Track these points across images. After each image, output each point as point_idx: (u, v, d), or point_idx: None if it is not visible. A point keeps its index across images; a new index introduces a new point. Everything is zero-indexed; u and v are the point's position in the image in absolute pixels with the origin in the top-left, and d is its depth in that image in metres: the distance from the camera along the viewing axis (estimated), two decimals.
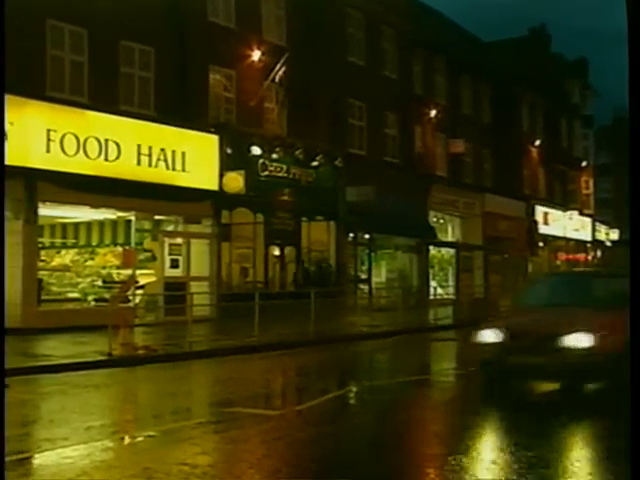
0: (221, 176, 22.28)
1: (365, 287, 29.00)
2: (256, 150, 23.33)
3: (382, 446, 7.21)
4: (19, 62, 17.97)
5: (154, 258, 21.44)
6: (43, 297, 18.95)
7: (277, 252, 24.79)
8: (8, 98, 16.91)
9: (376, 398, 10.36)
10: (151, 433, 7.53)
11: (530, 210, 41.24)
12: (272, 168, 24.08)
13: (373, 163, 29.44)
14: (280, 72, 24.70)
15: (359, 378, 12.96)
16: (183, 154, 21.15)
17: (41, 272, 19.30)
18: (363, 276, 29.37)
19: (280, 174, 24.39)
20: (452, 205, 35.31)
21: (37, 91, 18.16)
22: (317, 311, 18.00)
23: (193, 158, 21.44)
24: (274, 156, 24.02)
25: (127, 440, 7.54)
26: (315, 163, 25.59)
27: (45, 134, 17.88)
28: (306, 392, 10.90)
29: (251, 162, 23.20)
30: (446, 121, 35.04)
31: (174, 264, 21.37)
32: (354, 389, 11.45)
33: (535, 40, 46.51)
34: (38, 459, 6.62)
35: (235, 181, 22.20)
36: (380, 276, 30.94)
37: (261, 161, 23.70)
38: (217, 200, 22.28)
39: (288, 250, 25.15)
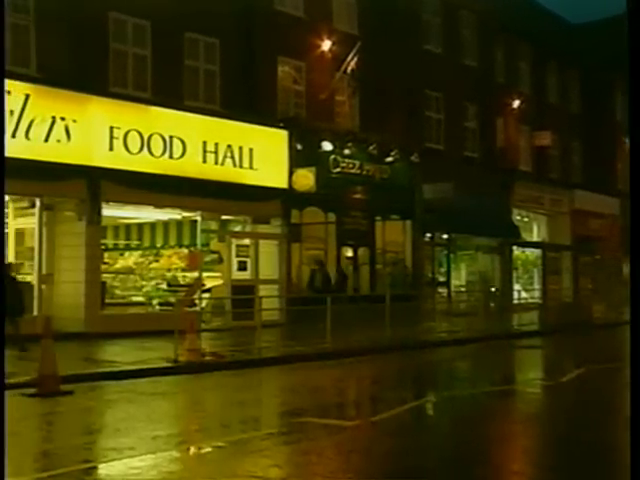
0: (291, 173, 22.39)
1: (443, 290, 28.73)
2: (327, 146, 23.35)
3: (465, 461, 7.08)
4: (81, 58, 18.52)
5: (221, 260, 21.69)
6: (107, 301, 19.41)
7: (350, 253, 24.76)
8: (71, 95, 17.48)
9: (457, 409, 10.21)
10: (219, 444, 7.58)
11: (625, 207, 40.13)
12: (344, 164, 24.08)
13: (451, 158, 29.13)
14: (352, 63, 24.67)
15: (438, 388, 12.81)
16: (251, 151, 21.34)
17: (104, 275, 19.76)
18: (441, 279, 29.10)
19: (353, 171, 24.35)
20: (537, 202, 34.64)
21: (100, 87, 18.61)
22: (392, 316, 17.89)
23: (261, 155, 21.61)
24: (346, 152, 24.00)
25: (195, 451, 7.61)
26: (389, 159, 25.47)
27: (108, 131, 18.29)
28: (381, 402, 10.82)
29: (322, 158, 23.24)
30: (531, 112, 34.39)
31: (242, 266, 21.58)
32: (433, 399, 11.31)
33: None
34: (104, 469, 6.74)
35: (305, 179, 22.27)
36: (459, 279, 30.60)
37: (332, 157, 23.71)
38: (286, 199, 22.40)
39: (361, 251, 25.09)
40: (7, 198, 17.87)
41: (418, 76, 27.97)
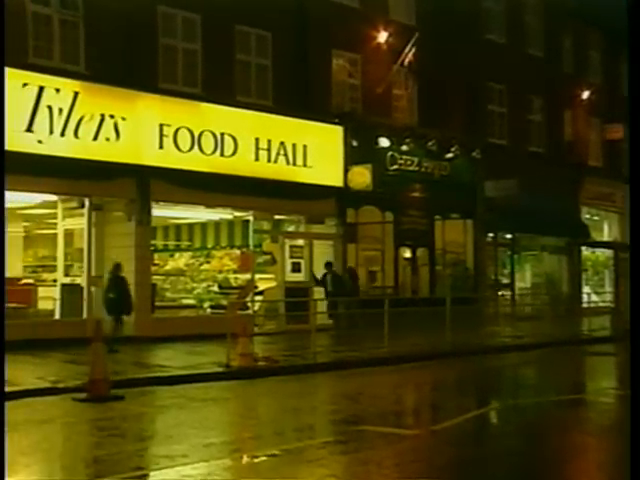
0: (346, 171, 22.39)
1: (507, 293, 28.42)
2: (384, 142, 23.31)
3: (533, 475, 6.99)
4: (130, 54, 18.79)
5: (274, 261, 21.81)
6: (157, 303, 19.68)
7: (408, 254, 24.67)
8: (120, 92, 17.77)
9: (523, 419, 10.09)
10: (274, 452, 7.62)
11: None
12: (402, 161, 23.99)
13: (516, 154, 28.79)
14: (409, 55, 24.58)
15: (502, 395, 12.68)
16: (304, 148, 21.41)
17: (154, 277, 20.03)
18: (505, 281, 28.79)
19: (411, 168, 24.26)
20: (609, 199, 34.02)
21: (149, 83, 18.88)
22: (453, 319, 17.77)
23: (315, 152, 21.66)
24: (404, 148, 23.91)
25: (248, 459, 7.66)
26: (450, 155, 25.30)
27: (158, 129, 18.54)
28: (442, 410, 10.76)
29: (379, 155, 23.20)
30: (602, 103, 33.78)
31: (296, 268, 21.68)
32: (497, 408, 11.20)
33: None
34: (157, 477, 6.84)
35: (361, 176, 22.25)
36: (524, 281, 30.23)
37: (390, 154, 23.65)
38: (342, 197, 22.41)
39: (420, 252, 24.98)
40: (56, 198, 18.29)
41: (480, 68, 27.71)
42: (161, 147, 18.60)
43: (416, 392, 13.11)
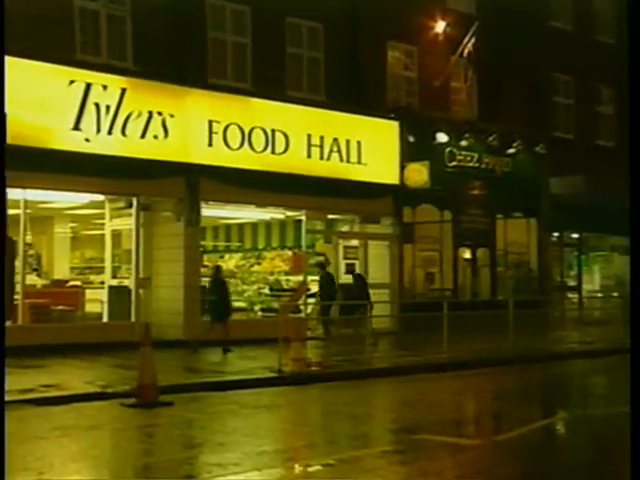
0: (402, 168, 22.34)
1: (574, 296, 28.03)
2: (442, 137, 23.19)
3: None
4: (178, 48, 18.99)
5: (327, 263, 21.84)
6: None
7: (468, 255, 24.51)
8: (168, 88, 17.98)
9: (594, 431, 9.96)
10: (328, 461, 7.65)
11: None
12: (461, 157, 23.85)
13: (582, 148, 28.36)
14: (469, 45, 24.38)
15: (570, 405, 12.52)
16: (359, 144, 21.42)
17: (204, 279, 20.19)
18: (571, 283, 28.40)
19: (470, 164, 24.10)
20: None
21: (198, 79, 19.07)
22: (516, 324, 17.59)
23: (370, 148, 21.65)
24: (463, 143, 23.77)
25: (302, 468, 7.71)
26: (512, 150, 25.06)
27: (207, 126, 18.72)
28: (506, 419, 10.68)
29: (437, 151, 23.10)
30: None
31: (350, 269, 21.68)
32: (564, 418, 11.06)
33: None
34: None
35: (418, 173, 22.18)
36: (592, 283, 29.78)
37: (448, 149, 23.53)
38: (398, 196, 22.36)
39: (481, 252, 24.79)
40: (103, 198, 18.58)
41: (544, 57, 27.35)
42: (210, 144, 18.78)
43: (478, 400, 13.02)
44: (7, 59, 13.13)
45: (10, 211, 11.83)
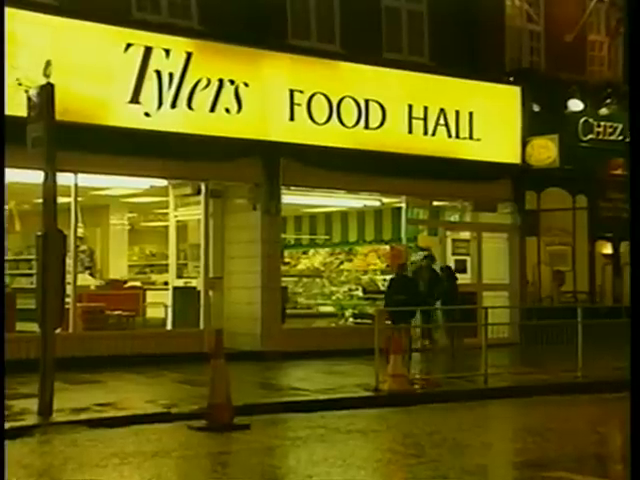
0: (525, 144, 22.03)
1: None
2: (576, 105, 22.75)
3: None
4: (250, 3, 18.97)
5: (432, 259, 21.70)
6: (288, 311, 19.98)
7: (608, 250, 24.05)
8: (242, 51, 18.05)
9: None
10: None
11: None
12: (600, 129, 23.40)
13: None
14: None
15: None
16: (470, 115, 21.21)
17: (285, 278, 20.33)
18: None
19: (612, 137, 23.61)
20: None
21: (276, 40, 19.10)
22: None
23: (485, 120, 21.43)
24: (603, 112, 23.31)
25: None
26: None
27: (288, 96, 18.80)
28: None
29: (568, 122, 22.70)
30: None
31: (460, 267, 21.51)
32: None
33: None
34: None
35: (545, 150, 21.86)
36: None
37: (583, 120, 23.08)
38: (519, 178, 22.08)
39: (625, 247, 24.23)
40: (166, 183, 18.85)
41: None
42: (292, 119, 18.85)
43: (624, 431, 12.71)
44: (49, 19, 13.39)
45: (59, 199, 12.03)
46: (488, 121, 21.53)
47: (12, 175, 12.89)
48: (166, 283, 19.51)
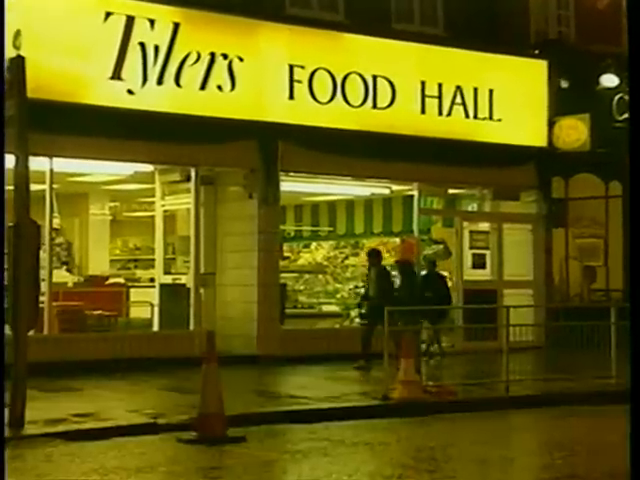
0: (551, 124, 21.99)
1: None
2: (610, 80, 22.66)
3: None
4: None
5: (448, 253, 21.71)
6: (287, 311, 20.03)
7: None
8: (235, 22, 18.04)
9: None
10: None
11: None
12: None
13: None
14: None
15: None
16: (490, 93, 21.19)
17: (284, 275, 20.33)
18: None
19: None
20: None
21: (273, 8, 19.06)
22: None
23: (506, 98, 21.42)
24: None
25: None
26: None
27: (287, 72, 18.79)
28: None
29: (601, 100, 22.62)
30: None
31: (478, 262, 21.53)
32: None
33: None
34: None
35: (574, 131, 21.83)
36: None
37: (618, 97, 23.00)
38: (545, 162, 22.03)
39: None
40: (152, 168, 18.85)
41: None
42: (292, 97, 18.86)
43: None
44: None
45: (32, 186, 12.02)
46: (510, 99, 21.52)
47: None
48: (152, 280, 19.54)
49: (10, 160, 11.62)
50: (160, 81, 17.37)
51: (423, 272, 20.07)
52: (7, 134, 11.58)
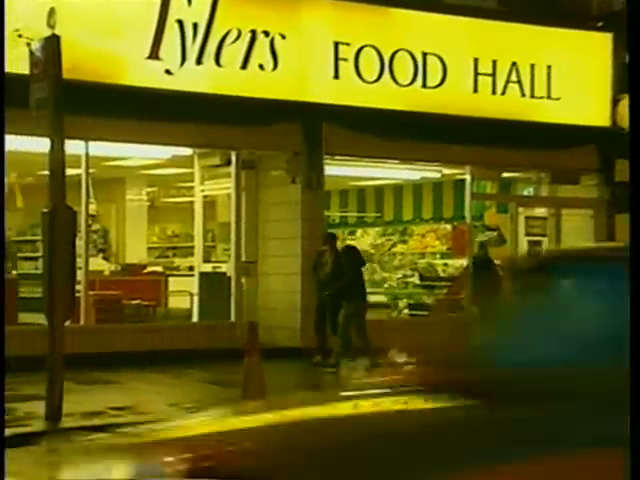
0: (615, 103, 21.85)
1: None
2: None
3: None
4: None
5: (502, 240, 21.69)
6: None
7: None
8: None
9: None
10: None
11: None
12: None
13: None
14: None
15: None
16: (548, 69, 21.05)
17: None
18: None
19: None
20: None
21: None
22: None
23: (566, 75, 21.24)
24: None
25: None
26: None
27: (332, 50, 18.80)
28: None
29: None
30: None
31: (534, 250, 21.46)
32: None
33: None
34: None
35: None
36: None
37: None
38: (608, 144, 21.89)
39: None
40: (191, 152, 18.99)
41: None
42: (337, 76, 18.89)
43: None
44: None
45: (68, 171, 12.18)
46: (570, 76, 21.34)
47: (13, 143, 12.72)
48: (191, 268, 19.64)
49: (45, 144, 11.86)
50: (199, 60, 17.46)
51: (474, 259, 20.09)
52: (41, 117, 11.85)
